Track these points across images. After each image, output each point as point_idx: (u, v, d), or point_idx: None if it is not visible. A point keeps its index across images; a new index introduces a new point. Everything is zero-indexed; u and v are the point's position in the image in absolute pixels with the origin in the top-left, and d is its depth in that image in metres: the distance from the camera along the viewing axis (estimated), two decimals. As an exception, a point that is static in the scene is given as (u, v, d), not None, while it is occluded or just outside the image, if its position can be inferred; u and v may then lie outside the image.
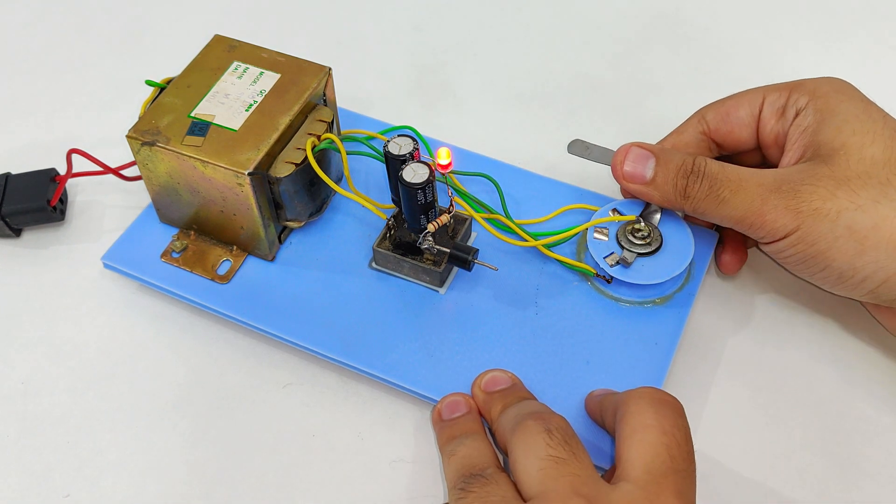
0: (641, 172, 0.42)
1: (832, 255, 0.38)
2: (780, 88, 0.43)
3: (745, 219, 0.40)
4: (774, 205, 0.39)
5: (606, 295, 0.44)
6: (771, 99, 0.43)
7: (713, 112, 0.45)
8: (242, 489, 0.40)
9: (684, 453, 0.34)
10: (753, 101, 0.43)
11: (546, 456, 0.34)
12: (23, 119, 0.55)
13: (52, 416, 0.43)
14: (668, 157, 0.42)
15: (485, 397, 0.40)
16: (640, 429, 0.34)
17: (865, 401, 0.43)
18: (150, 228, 0.47)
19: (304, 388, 0.43)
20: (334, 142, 0.44)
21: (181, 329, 0.45)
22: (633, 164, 0.42)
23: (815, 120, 0.40)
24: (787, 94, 0.42)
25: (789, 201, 0.39)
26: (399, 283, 0.45)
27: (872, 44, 0.59)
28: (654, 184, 0.42)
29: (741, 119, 0.44)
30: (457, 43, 0.60)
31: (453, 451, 0.38)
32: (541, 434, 0.35)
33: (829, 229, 0.38)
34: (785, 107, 0.42)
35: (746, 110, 0.43)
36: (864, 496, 0.40)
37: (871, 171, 0.38)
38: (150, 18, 0.62)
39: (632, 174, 0.43)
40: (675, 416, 0.35)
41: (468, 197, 0.46)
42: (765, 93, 0.43)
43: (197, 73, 0.45)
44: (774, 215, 0.39)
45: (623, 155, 0.43)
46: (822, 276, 0.40)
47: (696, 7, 0.62)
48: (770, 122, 0.43)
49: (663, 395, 0.36)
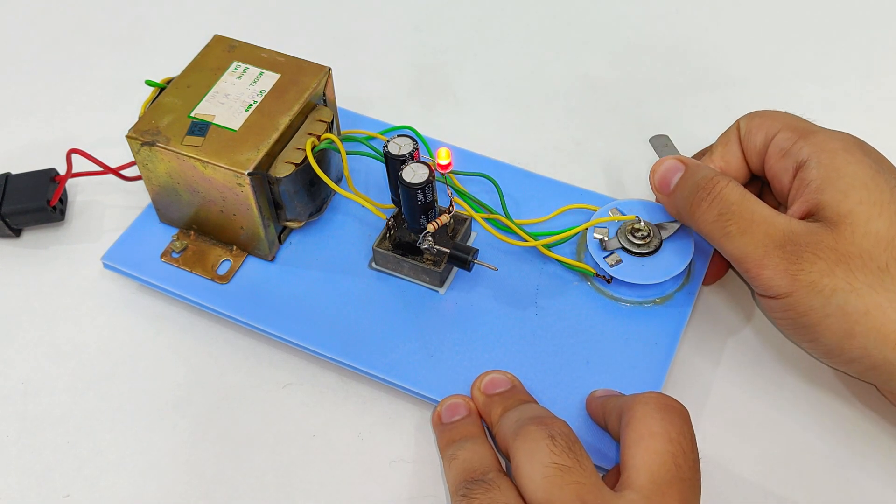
0: (668, 182, 0.42)
1: (821, 330, 0.38)
2: (792, 129, 0.41)
3: (743, 262, 0.39)
4: (775, 263, 0.38)
5: (606, 295, 0.44)
6: (780, 137, 0.41)
7: (745, 123, 0.44)
8: (242, 489, 0.40)
9: (690, 462, 0.34)
10: (769, 132, 0.42)
11: (550, 463, 0.33)
12: (23, 119, 0.55)
13: (52, 416, 0.43)
14: (694, 171, 0.41)
15: (485, 400, 0.40)
16: (646, 436, 0.34)
17: (866, 400, 0.43)
18: (150, 228, 0.47)
19: (304, 388, 0.43)
20: (334, 142, 0.44)
21: (181, 329, 0.45)
22: (663, 173, 0.42)
23: (820, 176, 0.39)
24: (794, 139, 0.41)
25: (790, 265, 0.37)
26: (399, 283, 0.45)
27: (866, 46, 0.59)
28: (672, 195, 0.41)
29: (755, 145, 0.43)
30: (457, 43, 0.60)
31: (454, 456, 0.37)
32: (544, 440, 0.34)
33: (821, 305, 0.37)
34: (788, 152, 0.41)
35: (762, 138, 0.42)
36: (863, 496, 0.40)
37: (874, 252, 0.37)
38: (150, 18, 0.62)
39: (660, 183, 0.42)
40: (681, 424, 0.35)
41: (468, 197, 0.46)
42: (780, 127, 0.42)
43: (197, 73, 0.45)
44: (772, 273, 0.38)
45: (658, 164, 0.42)
46: (810, 346, 0.39)
47: (695, 7, 0.62)
48: (772, 158, 0.42)
49: (670, 400, 0.36)
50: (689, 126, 0.54)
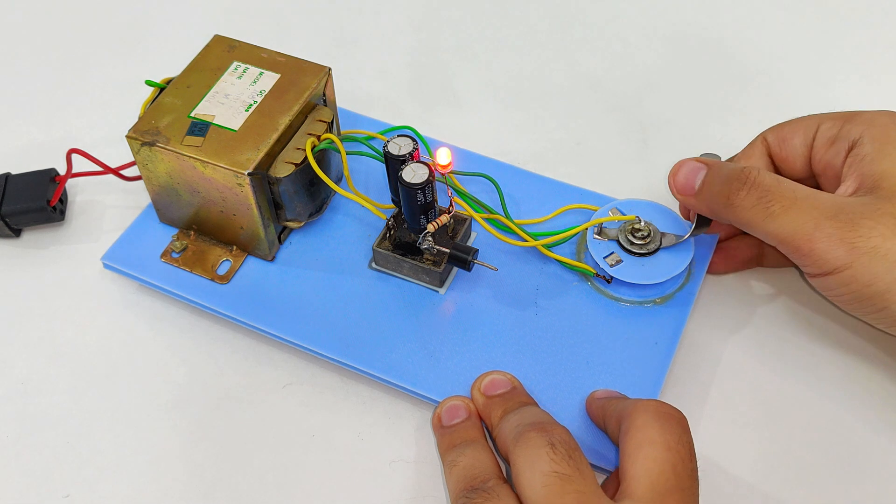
0: (692, 184, 0.41)
1: (890, 297, 0.36)
2: (834, 118, 0.41)
3: (791, 240, 0.37)
4: (829, 233, 0.37)
5: (606, 295, 0.44)
6: (824, 128, 0.41)
7: (773, 135, 0.44)
8: (242, 489, 0.40)
9: (689, 470, 0.34)
10: (808, 130, 0.42)
11: (550, 472, 0.33)
12: (23, 119, 0.55)
13: (52, 416, 0.43)
14: (718, 167, 0.41)
15: (485, 401, 0.40)
16: (645, 444, 0.34)
17: (865, 400, 0.43)
18: (150, 228, 0.47)
19: (304, 388, 0.43)
20: (334, 142, 0.44)
21: (181, 329, 0.45)
22: (684, 176, 0.41)
23: (874, 150, 0.39)
24: (840, 124, 0.41)
25: (845, 233, 0.36)
26: (399, 284, 0.45)
27: (873, 42, 0.59)
28: (700, 193, 0.41)
29: (795, 148, 0.42)
30: (457, 43, 0.60)
31: (455, 462, 0.37)
32: (544, 448, 0.34)
33: (886, 270, 0.36)
34: (836, 137, 0.41)
35: (801, 139, 0.42)
36: (863, 496, 0.40)
37: None
38: (150, 18, 0.62)
39: (683, 185, 0.41)
40: (680, 432, 0.35)
41: (468, 197, 0.46)
42: (819, 121, 0.42)
43: (197, 73, 0.45)
44: (826, 245, 0.37)
45: (678, 167, 0.42)
46: (877, 317, 0.38)
47: (695, 7, 0.62)
48: (821, 151, 0.42)
49: (668, 408, 0.36)
50: (690, 126, 0.54)
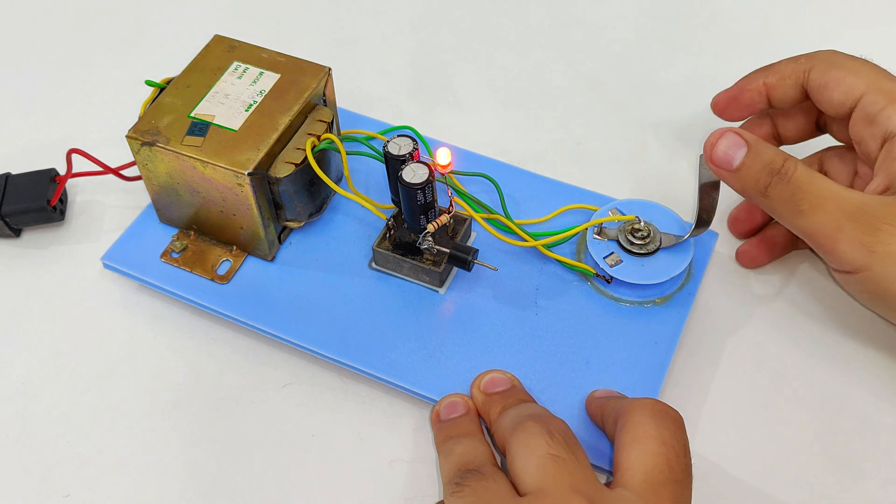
0: (731, 159, 0.41)
1: None
2: (878, 91, 0.41)
3: (816, 237, 0.39)
4: (849, 235, 0.38)
5: (606, 295, 0.44)
6: (868, 101, 0.41)
7: (818, 76, 0.43)
8: (242, 489, 0.40)
9: (682, 465, 0.34)
10: (851, 92, 0.41)
11: (546, 454, 0.34)
12: (23, 119, 0.55)
13: (52, 416, 0.43)
14: (759, 149, 0.40)
15: (484, 398, 0.40)
16: (640, 437, 0.34)
17: (865, 401, 0.43)
18: (150, 228, 0.47)
19: (303, 388, 0.43)
20: (334, 142, 0.44)
21: (181, 329, 0.46)
22: (724, 149, 0.40)
23: None
24: (883, 104, 0.40)
25: (865, 236, 0.37)
26: (399, 283, 0.45)
27: (874, 48, 0.59)
28: (738, 173, 0.40)
29: (831, 102, 0.42)
30: (457, 43, 0.60)
31: (450, 450, 0.38)
32: (542, 434, 0.35)
33: None
34: (876, 118, 0.41)
35: (840, 96, 0.42)
36: (863, 496, 0.40)
37: None
38: (150, 18, 0.62)
39: (721, 159, 0.41)
40: (675, 429, 0.35)
41: (468, 197, 0.46)
42: (865, 89, 0.41)
43: (197, 73, 0.45)
44: (846, 246, 0.38)
45: (717, 137, 0.41)
46: (893, 316, 0.39)
47: (695, 7, 0.62)
48: (858, 124, 0.41)
49: (665, 407, 0.36)
50: (690, 126, 0.54)
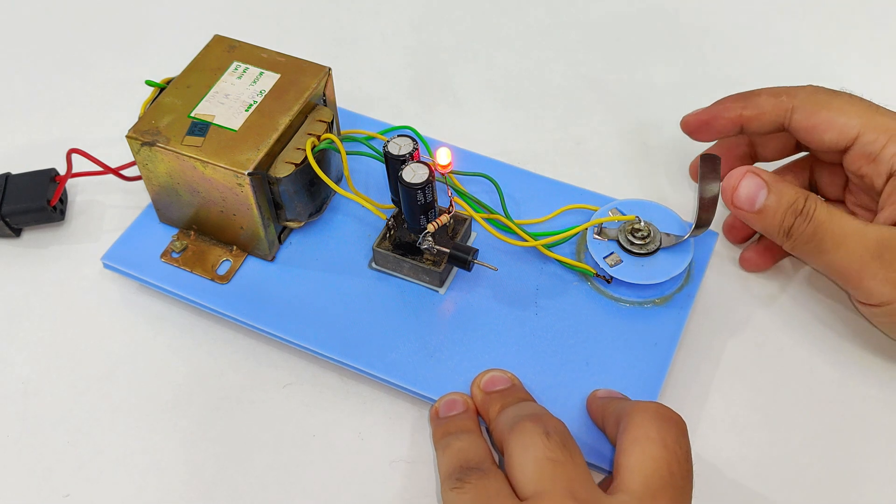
0: (753, 201, 0.41)
1: None
2: (878, 130, 0.41)
3: (840, 275, 0.40)
4: (874, 272, 0.39)
5: (606, 295, 0.44)
6: (865, 141, 0.41)
7: (802, 114, 0.43)
8: (242, 489, 0.40)
9: (684, 471, 0.34)
10: (845, 132, 0.42)
11: (543, 457, 0.34)
12: (23, 119, 0.55)
13: (52, 416, 0.43)
14: (781, 190, 0.41)
15: (483, 397, 0.40)
16: (642, 440, 0.34)
17: (865, 401, 0.43)
18: (150, 228, 0.47)
19: (304, 388, 0.43)
20: (334, 142, 0.44)
21: (181, 329, 0.45)
22: (745, 192, 0.41)
23: None
24: (884, 142, 0.41)
25: (889, 272, 0.38)
26: (399, 283, 0.45)
27: (874, 43, 0.59)
28: (761, 214, 0.41)
29: (822, 142, 0.42)
30: (457, 43, 0.60)
31: (448, 445, 0.38)
32: (539, 435, 0.35)
33: None
34: (878, 158, 0.41)
35: (833, 137, 0.42)
36: (863, 497, 0.40)
37: None
38: (150, 18, 0.62)
39: (744, 202, 0.41)
40: (677, 433, 0.35)
41: (468, 197, 0.46)
42: (860, 128, 0.41)
43: (197, 73, 0.45)
44: (872, 283, 0.39)
45: (738, 179, 0.41)
46: None
47: (695, 7, 0.62)
48: (858, 160, 0.42)
49: (669, 411, 0.36)
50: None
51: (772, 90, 0.44)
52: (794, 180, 0.47)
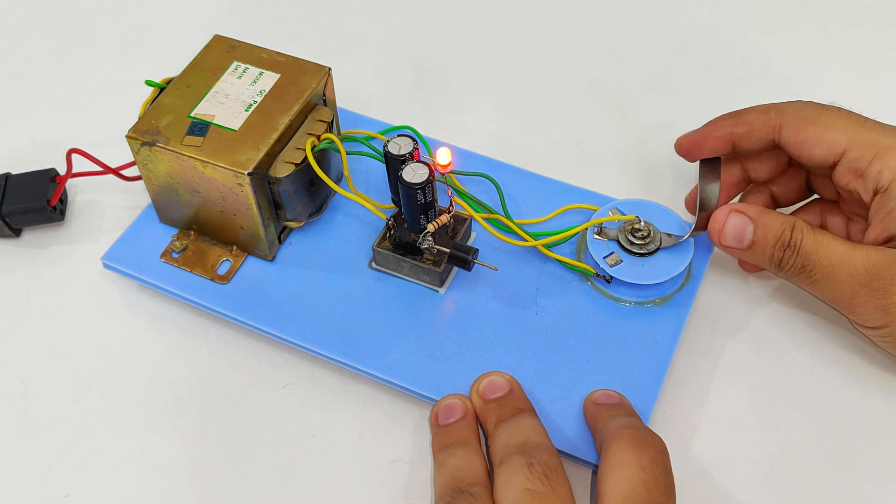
0: (741, 239, 0.42)
1: None
2: (864, 146, 0.41)
3: (833, 303, 0.40)
4: (864, 301, 0.39)
5: (606, 295, 0.44)
6: (852, 157, 0.41)
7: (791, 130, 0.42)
8: (242, 489, 0.40)
9: (662, 487, 0.35)
10: (832, 148, 0.41)
11: (523, 488, 0.34)
12: (23, 119, 0.55)
13: (52, 416, 0.43)
14: (767, 223, 0.41)
15: (482, 405, 0.40)
16: (618, 466, 0.35)
17: (865, 401, 0.43)
18: (150, 228, 0.47)
19: (304, 388, 0.43)
20: (334, 142, 0.44)
21: (181, 329, 0.45)
22: (732, 231, 0.42)
23: None
24: (869, 158, 0.41)
25: (879, 300, 0.39)
26: (399, 283, 0.45)
27: (872, 44, 0.59)
28: (752, 249, 0.42)
29: (811, 157, 0.42)
30: (457, 43, 0.60)
31: (444, 462, 0.38)
32: (522, 468, 0.35)
33: None
34: (865, 174, 0.41)
35: (821, 153, 0.42)
36: (863, 497, 0.40)
37: None
38: (150, 18, 0.62)
39: (732, 240, 0.42)
40: (654, 453, 0.35)
41: (468, 197, 0.46)
42: (847, 144, 0.41)
43: (197, 73, 0.45)
44: (863, 310, 0.39)
45: (722, 221, 0.42)
46: None
47: (695, 8, 0.62)
48: (846, 176, 0.42)
49: (645, 435, 0.36)
50: (689, 126, 0.54)
51: (761, 107, 0.44)
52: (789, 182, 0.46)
